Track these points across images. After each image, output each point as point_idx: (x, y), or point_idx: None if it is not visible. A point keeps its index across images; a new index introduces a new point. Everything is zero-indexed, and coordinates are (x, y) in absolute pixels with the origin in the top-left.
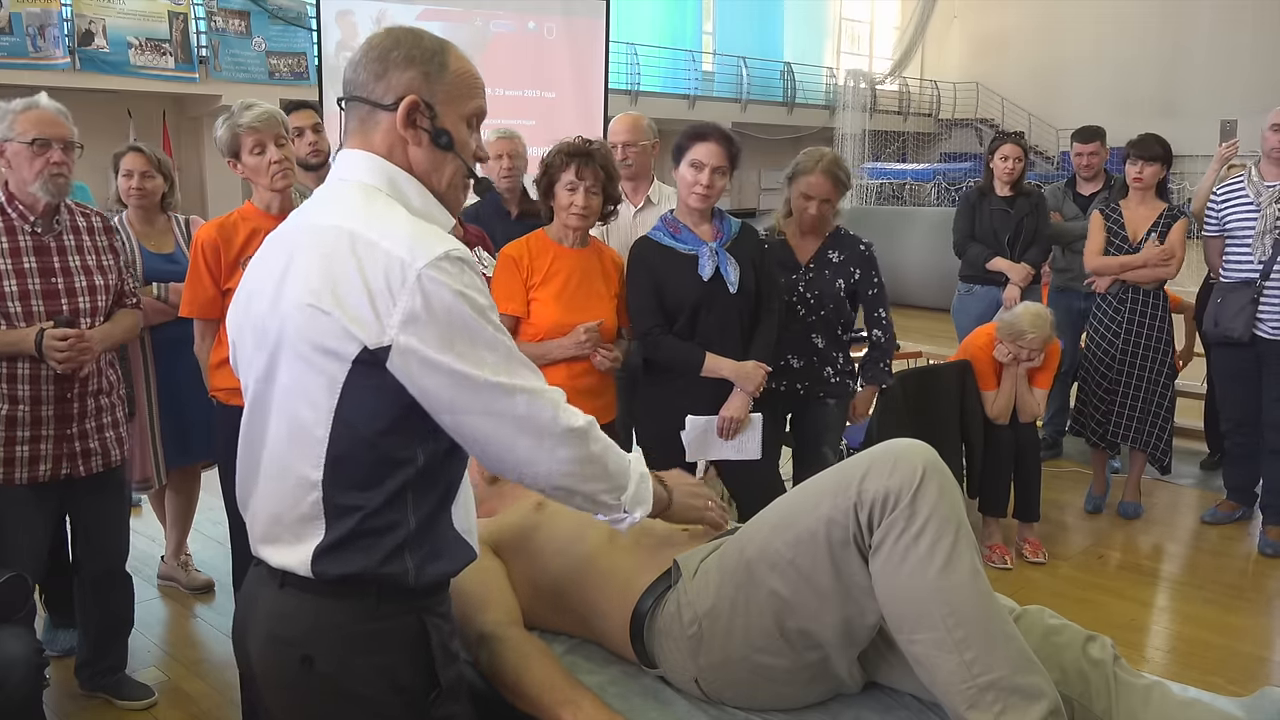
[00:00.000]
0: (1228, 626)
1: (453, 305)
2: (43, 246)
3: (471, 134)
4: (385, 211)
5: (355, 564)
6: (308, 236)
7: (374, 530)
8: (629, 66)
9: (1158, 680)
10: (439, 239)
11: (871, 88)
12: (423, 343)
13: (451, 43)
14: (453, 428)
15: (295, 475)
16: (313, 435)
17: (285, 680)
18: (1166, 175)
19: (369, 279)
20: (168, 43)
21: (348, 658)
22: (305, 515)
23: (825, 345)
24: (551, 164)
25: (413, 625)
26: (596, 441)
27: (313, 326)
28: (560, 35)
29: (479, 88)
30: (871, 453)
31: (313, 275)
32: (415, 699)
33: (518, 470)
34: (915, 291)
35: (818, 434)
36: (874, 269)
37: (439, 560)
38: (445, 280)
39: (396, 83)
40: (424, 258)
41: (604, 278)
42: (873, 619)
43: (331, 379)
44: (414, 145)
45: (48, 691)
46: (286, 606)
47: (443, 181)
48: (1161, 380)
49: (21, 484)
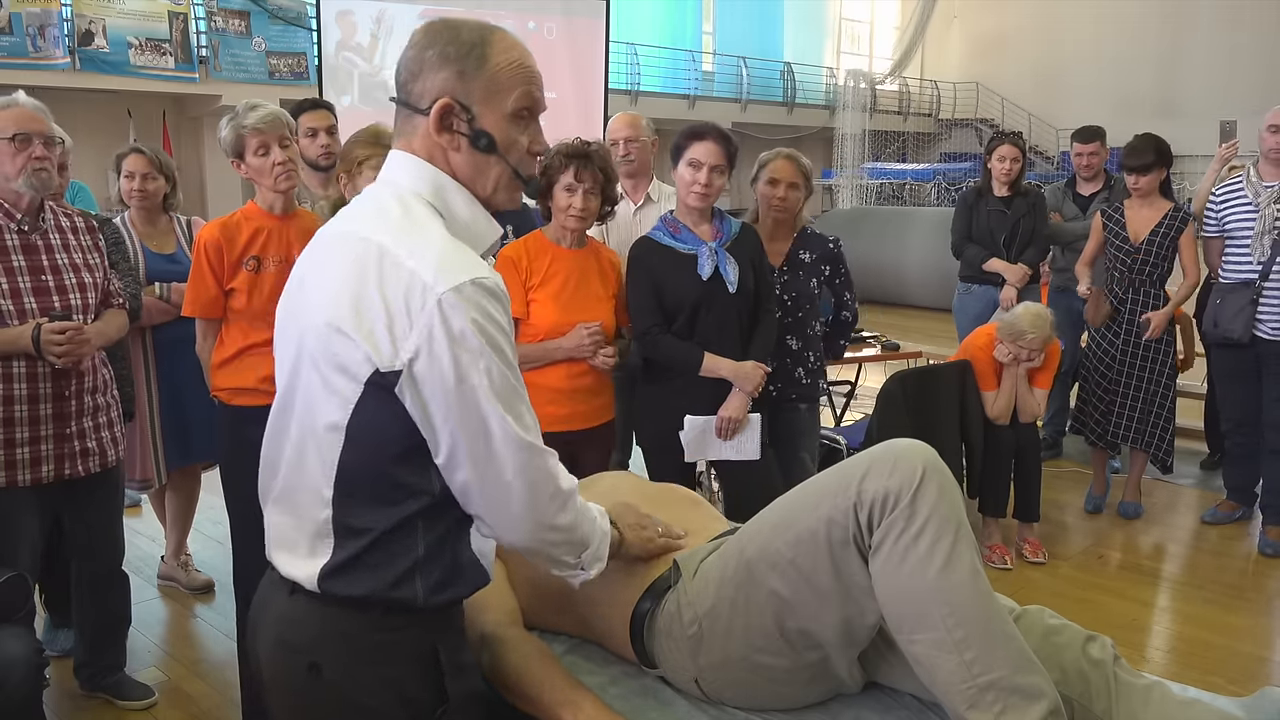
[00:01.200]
0: (1228, 626)
1: (470, 335)
2: (30, 245)
3: (522, 130)
4: (420, 227)
5: (363, 586)
6: (341, 244)
7: (383, 553)
8: (629, 66)
9: (1158, 680)
10: (467, 264)
11: (871, 88)
12: (431, 370)
13: (501, 31)
14: (447, 466)
15: (309, 487)
16: (326, 451)
17: (292, 686)
18: (1168, 175)
19: (389, 299)
20: (168, 43)
21: (354, 667)
22: (316, 531)
23: (799, 347)
24: (550, 165)
25: (422, 639)
26: (577, 510)
27: (332, 342)
28: (560, 35)
29: (527, 77)
30: (871, 453)
31: (338, 289)
32: (421, 712)
33: (495, 523)
34: (915, 291)
35: (793, 439)
36: (842, 263)
37: (451, 585)
38: (465, 308)
39: (431, 84)
40: (447, 283)
41: (601, 278)
42: (873, 619)
43: (344, 398)
44: (453, 150)
45: (48, 691)
46: (296, 613)
47: (488, 186)
48: (1163, 380)
49: (24, 486)
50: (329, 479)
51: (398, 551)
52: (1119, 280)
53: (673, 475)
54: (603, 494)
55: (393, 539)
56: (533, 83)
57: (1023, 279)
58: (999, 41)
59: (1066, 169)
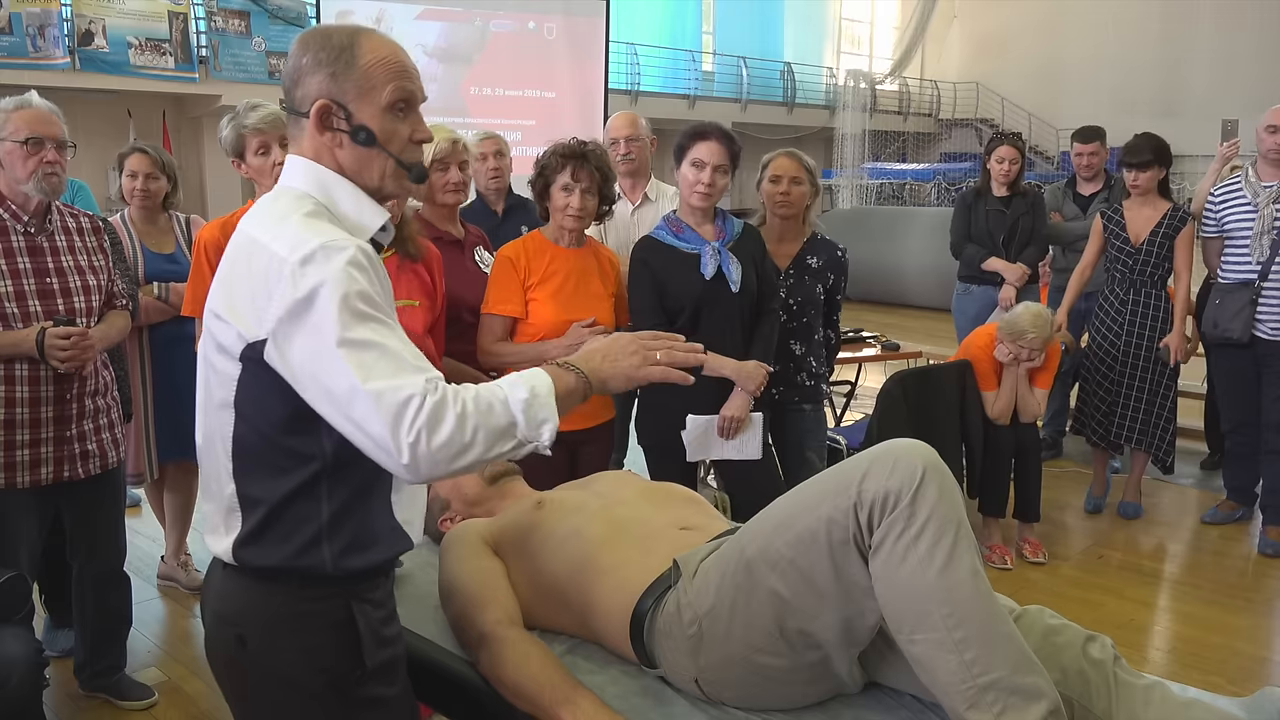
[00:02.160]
0: (1228, 626)
1: (318, 293)
2: (36, 247)
3: (401, 121)
4: (285, 214)
5: (272, 556)
6: (231, 244)
7: (286, 521)
8: (629, 66)
9: (1158, 680)
10: (319, 234)
11: (871, 88)
12: (292, 329)
13: (370, 32)
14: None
15: (216, 466)
16: (223, 428)
17: (224, 659)
18: (1167, 174)
19: (254, 279)
20: (168, 43)
21: (274, 638)
22: (227, 506)
23: (803, 351)
24: (547, 165)
25: (339, 609)
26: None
27: (213, 327)
28: (560, 35)
29: (397, 72)
30: (871, 453)
31: (218, 282)
32: (339, 679)
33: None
34: (915, 291)
35: (799, 439)
36: (845, 275)
37: (363, 551)
38: (314, 269)
39: (309, 88)
40: (300, 251)
41: (601, 277)
42: (873, 619)
43: (227, 375)
44: (337, 148)
45: (48, 691)
46: (225, 587)
47: (375, 177)
48: (1164, 380)
49: (24, 487)
50: (229, 453)
51: (301, 518)
52: (1120, 281)
53: (674, 475)
54: (602, 494)
55: (292, 506)
56: (403, 76)
57: (1021, 278)
58: (999, 41)
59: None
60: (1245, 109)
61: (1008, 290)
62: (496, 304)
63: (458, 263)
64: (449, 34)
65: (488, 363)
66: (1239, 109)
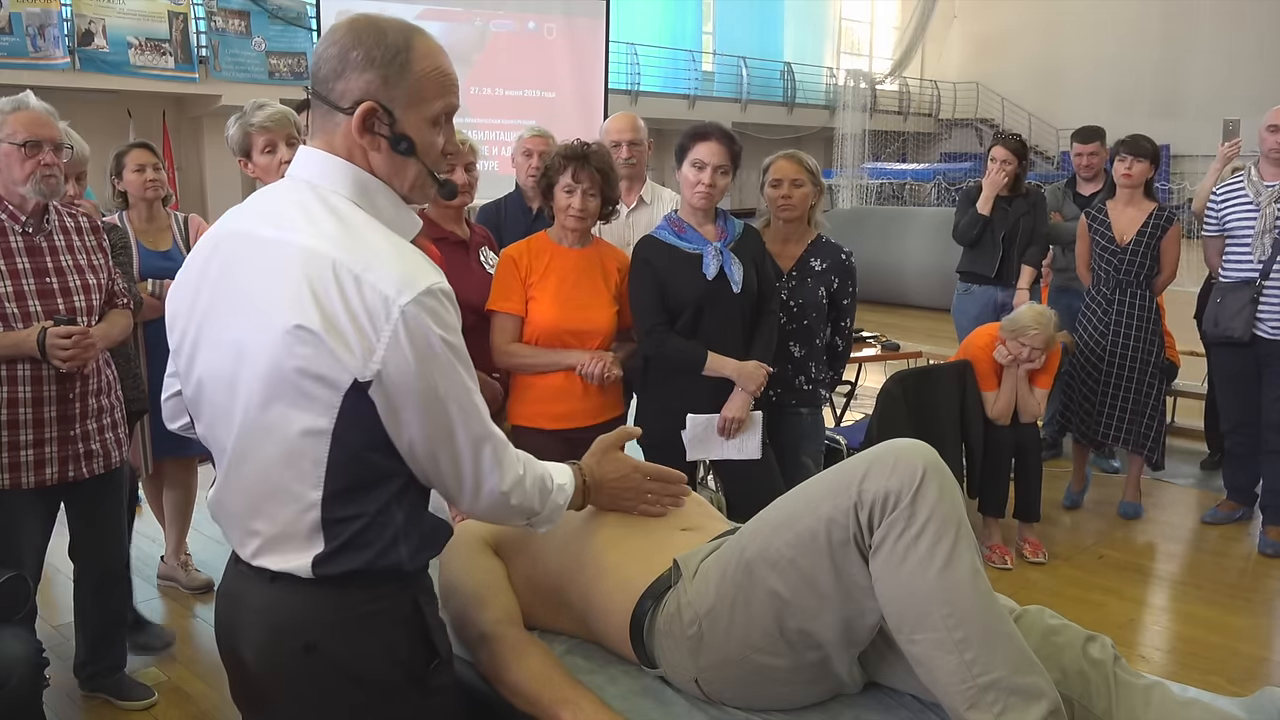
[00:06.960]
0: (1228, 626)
1: (433, 344)
2: (35, 247)
3: (438, 133)
4: (360, 234)
5: (356, 562)
6: (279, 252)
7: (371, 531)
8: (629, 66)
9: (1158, 680)
10: (420, 270)
11: (871, 88)
12: (400, 377)
13: (422, 34)
14: (409, 456)
15: (291, 494)
16: (311, 458)
17: (289, 670)
18: (1154, 176)
19: (354, 311)
20: (168, 43)
21: (349, 640)
22: (305, 532)
23: (802, 355)
24: (550, 166)
25: (406, 604)
26: (525, 488)
27: (300, 352)
28: (560, 35)
29: (447, 85)
30: (871, 453)
31: (297, 299)
32: (415, 669)
33: (454, 500)
34: (915, 291)
35: (795, 443)
36: (852, 279)
37: (428, 545)
38: (426, 317)
39: (354, 85)
40: (407, 294)
41: (604, 276)
42: (873, 619)
43: (327, 405)
44: (372, 150)
45: (48, 691)
46: (283, 598)
47: (405, 185)
48: (1148, 378)
49: (28, 488)
50: (317, 483)
51: (384, 525)
52: (1105, 280)
53: None
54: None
55: (380, 517)
56: (453, 90)
57: (1030, 281)
58: (999, 41)
59: (1066, 169)
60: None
61: (1021, 295)
62: (499, 301)
63: (462, 263)
64: (449, 34)
65: (503, 363)
66: (1239, 109)
